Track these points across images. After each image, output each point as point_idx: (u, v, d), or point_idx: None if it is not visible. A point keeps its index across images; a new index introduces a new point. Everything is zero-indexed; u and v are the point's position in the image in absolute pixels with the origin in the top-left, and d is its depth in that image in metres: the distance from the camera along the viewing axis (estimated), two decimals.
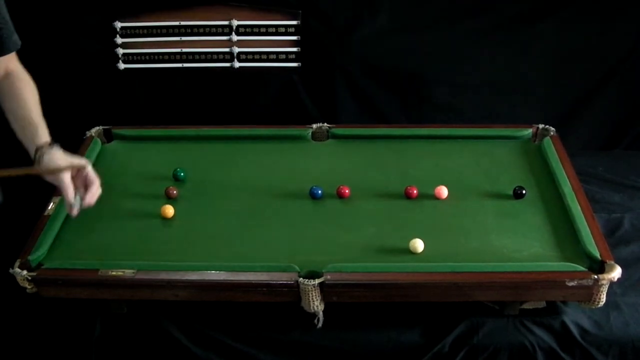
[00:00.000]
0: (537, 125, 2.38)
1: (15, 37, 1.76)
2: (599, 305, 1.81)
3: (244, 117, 2.96)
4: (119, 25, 2.81)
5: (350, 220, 2.02)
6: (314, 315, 1.82)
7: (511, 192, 2.08)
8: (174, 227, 2.02)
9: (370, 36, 2.82)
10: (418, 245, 1.85)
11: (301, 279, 1.75)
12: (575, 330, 1.90)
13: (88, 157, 2.25)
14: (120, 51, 2.84)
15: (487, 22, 2.79)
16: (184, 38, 2.83)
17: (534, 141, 2.37)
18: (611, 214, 2.32)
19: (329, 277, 1.76)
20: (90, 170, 1.69)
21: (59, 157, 1.69)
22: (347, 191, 2.10)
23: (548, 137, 2.32)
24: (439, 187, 2.09)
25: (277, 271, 1.79)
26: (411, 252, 1.86)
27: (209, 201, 2.11)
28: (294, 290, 1.77)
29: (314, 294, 1.76)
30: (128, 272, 1.79)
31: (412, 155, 2.31)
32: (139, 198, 2.12)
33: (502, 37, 2.81)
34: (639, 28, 2.77)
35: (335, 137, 2.39)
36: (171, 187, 2.12)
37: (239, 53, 2.85)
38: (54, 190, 2.10)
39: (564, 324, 1.91)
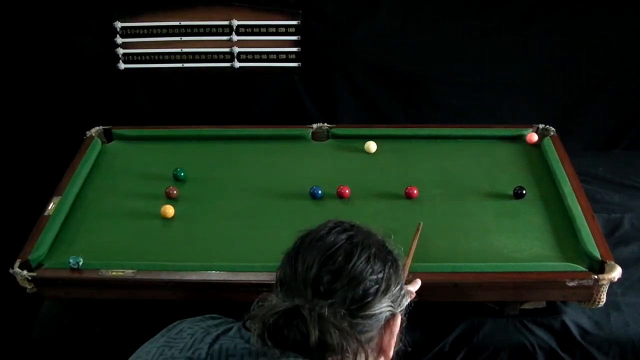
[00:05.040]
0: (537, 125, 2.38)
1: None
2: (599, 305, 1.82)
3: (244, 117, 2.96)
4: (119, 25, 2.81)
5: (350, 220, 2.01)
6: None
7: (511, 192, 2.08)
8: (174, 227, 2.02)
9: (370, 36, 2.82)
10: (372, 147, 2.20)
11: None
12: (575, 330, 1.90)
13: (88, 157, 2.25)
14: (120, 51, 2.84)
15: (487, 22, 2.79)
16: (184, 38, 2.83)
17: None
18: (611, 214, 2.31)
19: None
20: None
21: None
22: (347, 191, 2.10)
23: (548, 137, 2.32)
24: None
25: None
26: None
27: (209, 201, 2.11)
28: None
29: None
30: (128, 272, 1.79)
31: (412, 155, 2.31)
32: (139, 198, 2.12)
33: (502, 37, 2.81)
34: (638, 28, 2.77)
35: (335, 137, 2.39)
36: (171, 187, 2.12)
37: (239, 53, 2.85)
38: (54, 190, 2.10)
39: (564, 324, 1.91)
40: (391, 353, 1.06)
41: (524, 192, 2.07)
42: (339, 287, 0.97)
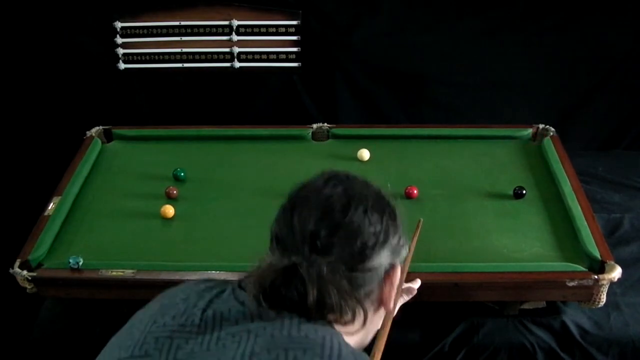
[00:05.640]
0: (537, 125, 2.38)
1: None
2: (599, 305, 1.82)
3: (244, 117, 2.96)
4: (119, 25, 2.81)
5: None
6: None
7: (511, 192, 2.08)
8: (174, 227, 2.02)
9: (370, 36, 2.82)
10: (364, 154, 2.17)
11: None
12: (575, 330, 1.90)
13: (88, 157, 2.25)
14: (120, 51, 2.84)
15: (487, 22, 2.79)
16: (184, 38, 2.83)
17: (534, 141, 2.37)
18: (611, 214, 2.31)
19: None
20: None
21: None
22: None
23: (548, 137, 2.32)
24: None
25: None
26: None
27: (209, 201, 2.11)
28: None
29: None
30: (128, 272, 1.79)
31: (412, 155, 2.31)
32: (139, 198, 2.12)
33: (502, 37, 2.81)
34: (638, 28, 2.77)
35: (335, 137, 2.39)
36: (171, 187, 2.12)
37: (239, 53, 2.85)
38: (54, 190, 2.10)
39: (564, 324, 1.91)
40: (392, 305, 1.04)
41: (524, 192, 2.07)
42: (337, 242, 0.95)
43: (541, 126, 2.37)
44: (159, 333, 0.97)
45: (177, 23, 2.81)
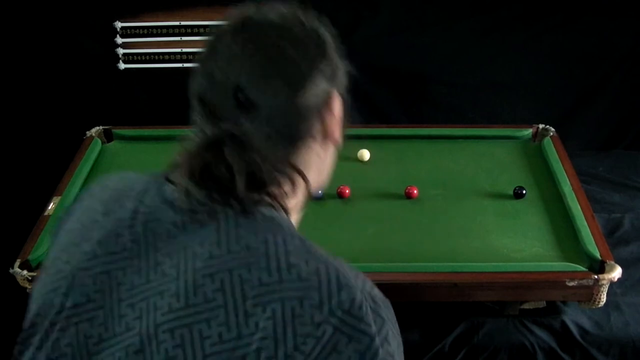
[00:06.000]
0: (537, 125, 2.38)
1: None
2: (599, 305, 1.81)
3: None
4: (119, 25, 2.81)
5: (350, 220, 2.01)
6: None
7: (511, 192, 2.08)
8: None
9: (370, 36, 2.82)
10: (365, 155, 2.19)
11: None
12: (575, 330, 1.90)
13: (88, 157, 2.25)
14: (120, 51, 2.84)
15: (487, 22, 2.79)
16: (184, 38, 2.83)
17: (534, 141, 2.37)
18: (611, 214, 2.31)
19: None
20: None
21: None
22: (347, 191, 2.10)
23: (548, 137, 2.32)
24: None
25: None
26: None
27: None
28: None
29: None
30: None
31: (412, 155, 2.31)
32: None
33: (502, 37, 2.81)
34: (638, 28, 2.77)
35: None
36: None
37: None
38: (54, 190, 2.10)
39: (564, 324, 1.91)
40: (338, 136, 0.99)
41: (524, 192, 2.07)
42: (261, 90, 0.84)
43: (541, 126, 2.37)
44: (93, 269, 0.83)
45: (177, 23, 2.81)
